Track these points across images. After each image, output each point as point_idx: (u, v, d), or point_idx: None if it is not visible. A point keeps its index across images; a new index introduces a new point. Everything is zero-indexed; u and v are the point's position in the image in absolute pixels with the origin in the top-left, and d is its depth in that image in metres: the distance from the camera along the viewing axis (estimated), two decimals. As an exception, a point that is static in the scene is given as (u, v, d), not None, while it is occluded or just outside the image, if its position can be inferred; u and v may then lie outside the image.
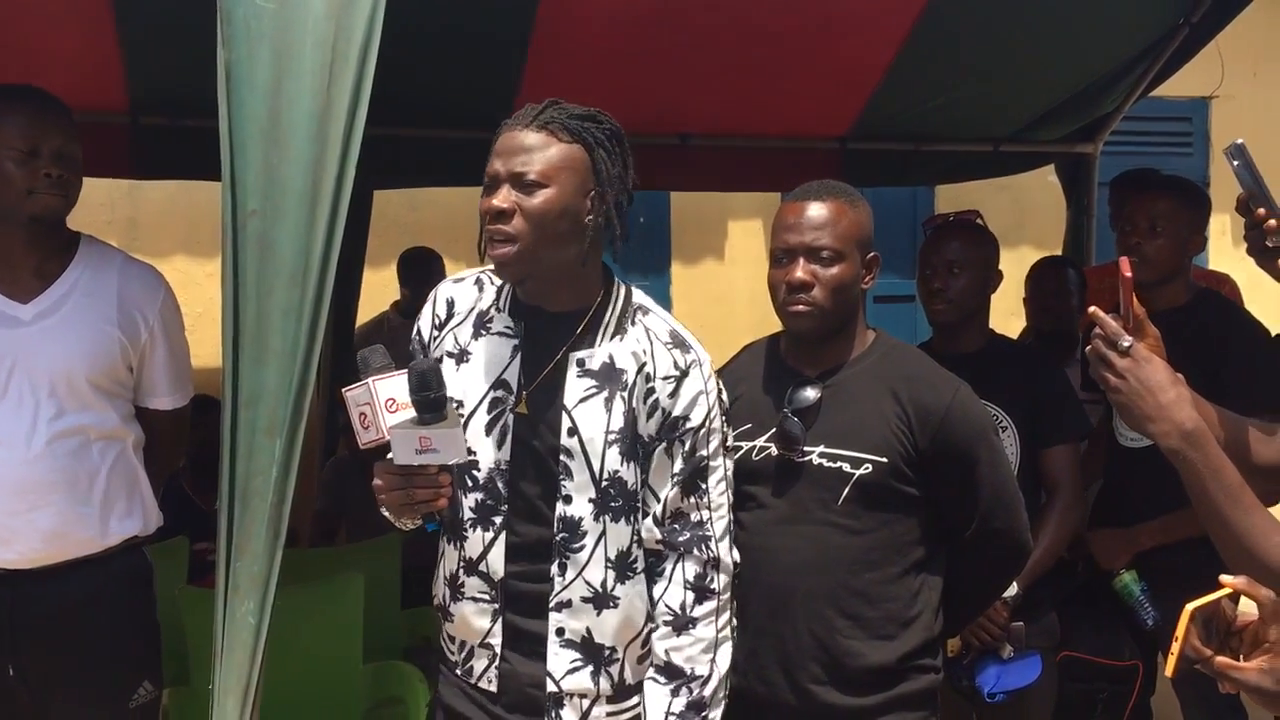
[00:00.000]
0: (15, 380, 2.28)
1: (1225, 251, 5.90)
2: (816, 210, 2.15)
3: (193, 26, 2.07)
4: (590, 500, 1.92)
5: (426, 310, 2.06)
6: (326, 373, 4.35)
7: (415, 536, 2.09)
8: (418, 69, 3.14)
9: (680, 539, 1.95)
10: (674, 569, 1.96)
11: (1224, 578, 1.44)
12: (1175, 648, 1.40)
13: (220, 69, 1.84)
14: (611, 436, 1.92)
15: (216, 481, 1.87)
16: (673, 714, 1.93)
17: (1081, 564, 3.07)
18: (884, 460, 2.11)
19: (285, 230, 1.84)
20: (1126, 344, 1.66)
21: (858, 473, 2.11)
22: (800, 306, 2.13)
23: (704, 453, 1.96)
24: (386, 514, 1.94)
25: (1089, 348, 1.72)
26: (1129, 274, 1.77)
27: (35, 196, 2.31)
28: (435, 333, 2.03)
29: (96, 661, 2.36)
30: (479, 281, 2.06)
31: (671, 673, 1.95)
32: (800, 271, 2.12)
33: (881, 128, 4.19)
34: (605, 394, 1.93)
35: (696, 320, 5.54)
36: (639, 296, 2.03)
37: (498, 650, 1.97)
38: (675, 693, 1.94)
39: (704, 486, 1.96)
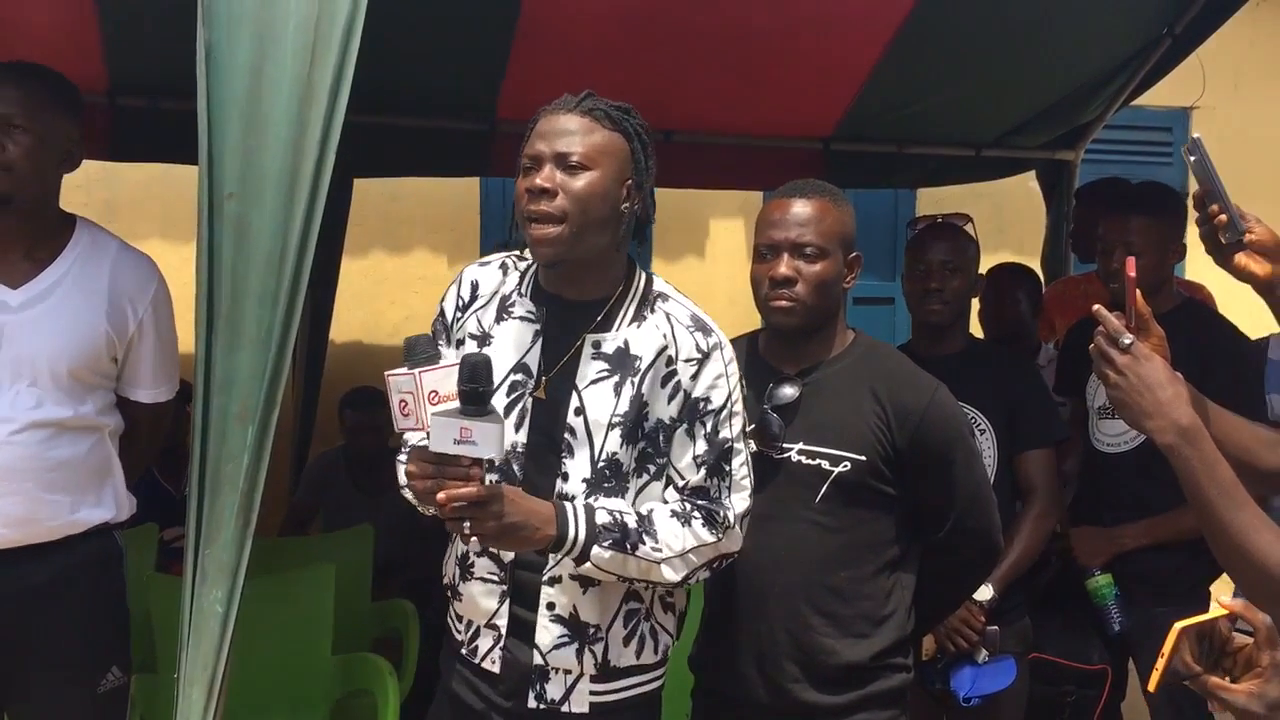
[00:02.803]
0: None
1: (1202, 259, 5.92)
2: (801, 207, 2.15)
3: (173, 6, 2.04)
4: (584, 480, 1.93)
5: (451, 292, 2.07)
6: (301, 361, 4.30)
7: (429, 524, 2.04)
8: (401, 57, 3.11)
9: (700, 503, 1.97)
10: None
11: (1222, 599, 1.47)
12: (1160, 664, 1.43)
13: (200, 49, 1.80)
14: (616, 420, 1.93)
15: (186, 467, 1.84)
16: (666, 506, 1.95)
17: (1055, 557, 3.06)
18: (862, 458, 2.11)
19: (262, 214, 1.81)
20: (1127, 341, 1.68)
21: (836, 470, 2.11)
22: (782, 302, 2.14)
23: (726, 434, 1.97)
24: (411, 498, 1.92)
25: (1091, 345, 1.72)
26: (1133, 274, 1.78)
27: None
28: (459, 314, 2.04)
29: (65, 645, 2.32)
30: (504, 265, 2.07)
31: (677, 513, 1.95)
32: (784, 267, 2.13)
33: (865, 129, 4.18)
34: (616, 378, 1.94)
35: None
36: (659, 284, 2.05)
37: (503, 631, 1.97)
38: (677, 516, 1.94)
39: (728, 469, 1.97)
